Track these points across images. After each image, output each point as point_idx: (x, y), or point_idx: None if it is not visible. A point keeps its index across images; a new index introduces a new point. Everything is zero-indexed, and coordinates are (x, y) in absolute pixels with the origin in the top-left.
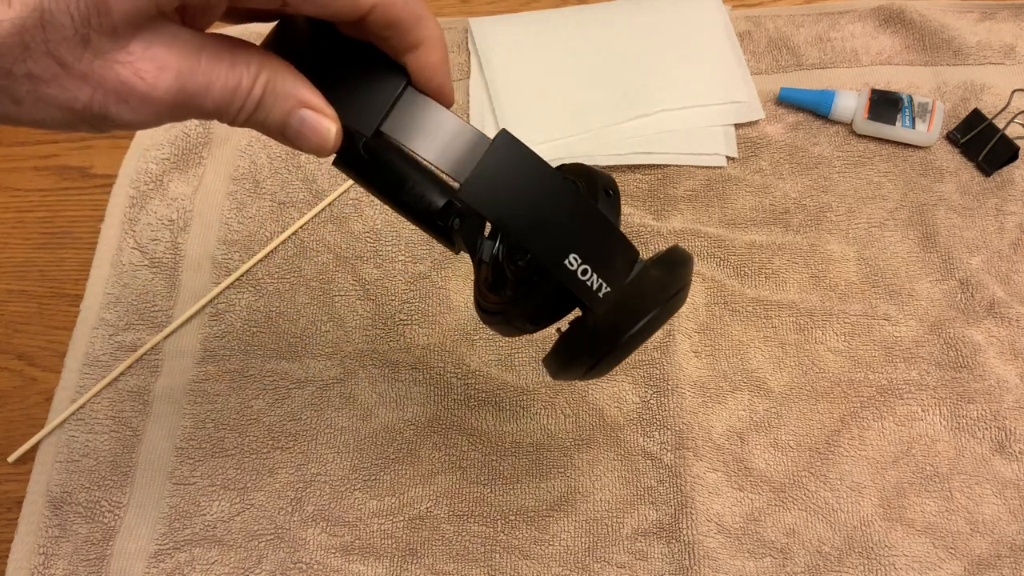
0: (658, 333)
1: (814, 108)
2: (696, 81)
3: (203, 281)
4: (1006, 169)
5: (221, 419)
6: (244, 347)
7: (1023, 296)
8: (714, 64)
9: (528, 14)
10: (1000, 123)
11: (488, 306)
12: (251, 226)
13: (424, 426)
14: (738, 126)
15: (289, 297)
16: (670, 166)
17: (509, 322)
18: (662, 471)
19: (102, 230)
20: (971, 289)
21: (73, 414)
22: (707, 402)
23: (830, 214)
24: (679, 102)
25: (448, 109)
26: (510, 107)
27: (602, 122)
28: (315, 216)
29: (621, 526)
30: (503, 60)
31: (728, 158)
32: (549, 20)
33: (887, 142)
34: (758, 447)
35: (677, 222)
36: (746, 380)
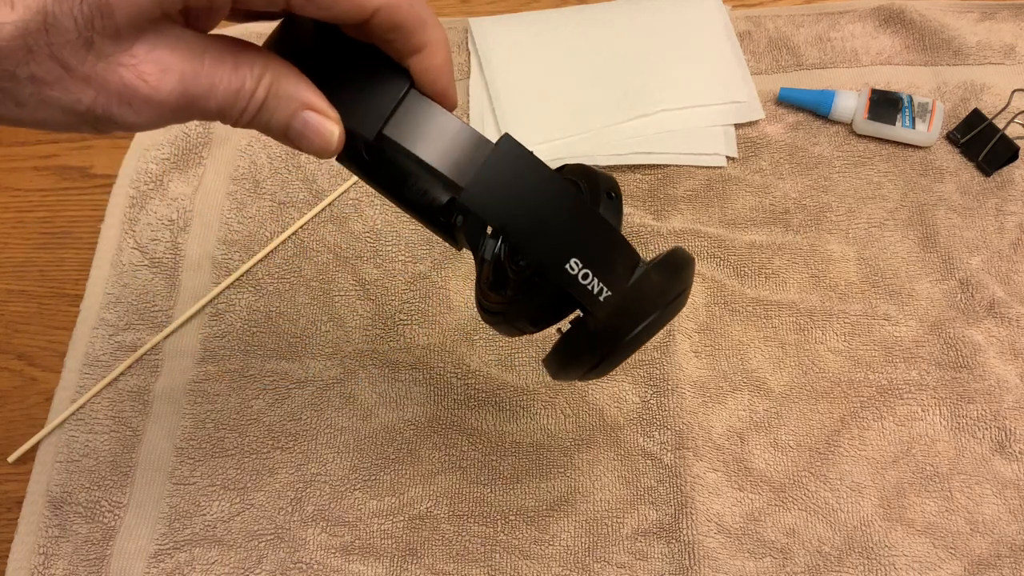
0: (658, 333)
1: (814, 108)
2: (696, 81)
3: (203, 281)
4: (1006, 169)
5: (221, 419)
6: (244, 347)
7: (1023, 296)
8: (714, 64)
9: (528, 14)
10: (1000, 123)
11: (489, 305)
12: (251, 226)
13: (424, 426)
14: (738, 126)
15: (289, 297)
16: (670, 166)
17: (510, 322)
18: (662, 471)
19: (102, 230)
20: (971, 289)
21: (73, 414)
22: (707, 402)
23: (830, 214)
24: (679, 102)
25: (451, 112)
26: (510, 107)
27: (602, 122)
28: (315, 216)
29: (621, 526)
30: (503, 60)
31: (728, 158)
32: (549, 20)
33: (887, 142)
34: (758, 447)
35: (677, 222)
36: (746, 380)
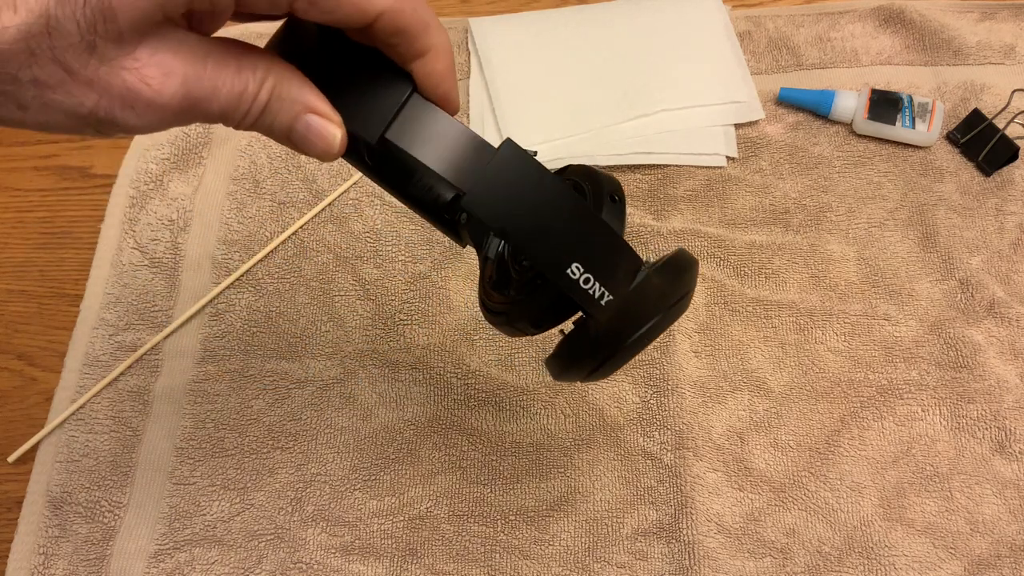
0: None
1: (814, 108)
2: (696, 81)
3: (203, 281)
4: (1006, 169)
5: (221, 419)
6: (244, 347)
7: (1023, 296)
8: (714, 64)
9: (528, 14)
10: (1000, 123)
11: (492, 305)
12: (251, 226)
13: (424, 426)
14: (738, 126)
15: (289, 297)
16: (670, 166)
17: (511, 323)
18: (662, 471)
19: (102, 230)
20: (971, 289)
21: (73, 414)
22: (707, 402)
23: (830, 214)
24: (679, 102)
25: (453, 117)
26: (510, 107)
27: (602, 122)
28: (315, 216)
29: (621, 526)
30: (503, 60)
31: (728, 158)
32: (549, 20)
33: (887, 142)
34: (758, 447)
35: (677, 222)
36: (746, 380)
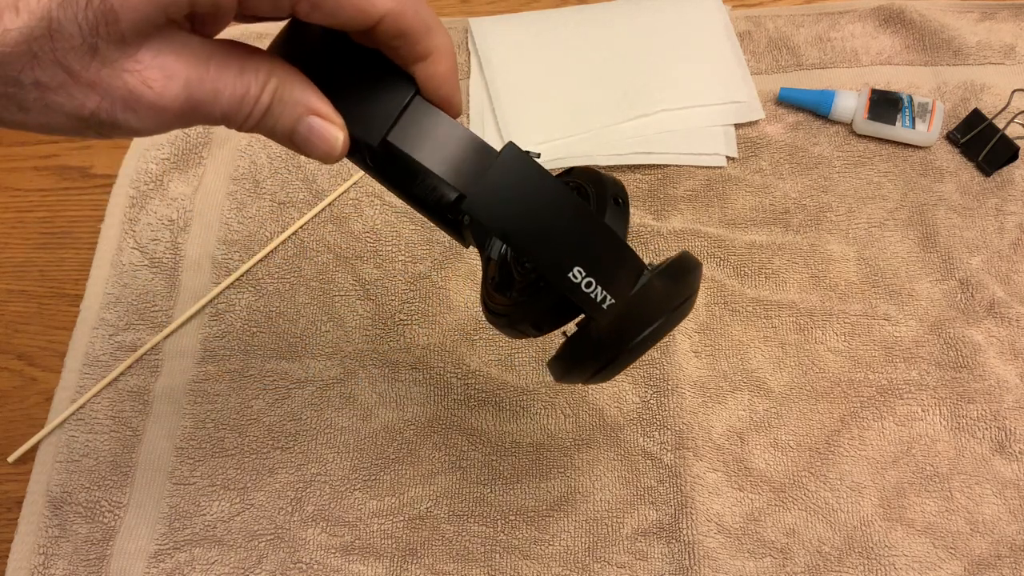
0: None
1: (814, 108)
2: (696, 81)
3: (203, 281)
4: (1006, 169)
5: (221, 419)
6: (244, 347)
7: (1023, 296)
8: (714, 64)
9: (528, 14)
10: (1000, 123)
11: (494, 307)
12: (251, 226)
13: (424, 426)
14: (738, 126)
15: (289, 297)
16: (670, 166)
17: (513, 325)
18: (662, 471)
19: (102, 230)
20: (971, 289)
21: (73, 414)
22: (707, 402)
23: (830, 214)
24: (679, 102)
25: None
26: (510, 107)
27: (602, 122)
28: (315, 216)
29: (621, 526)
30: (503, 60)
31: (728, 158)
32: (549, 20)
33: (887, 142)
34: (758, 447)
35: (677, 222)
36: (746, 380)
